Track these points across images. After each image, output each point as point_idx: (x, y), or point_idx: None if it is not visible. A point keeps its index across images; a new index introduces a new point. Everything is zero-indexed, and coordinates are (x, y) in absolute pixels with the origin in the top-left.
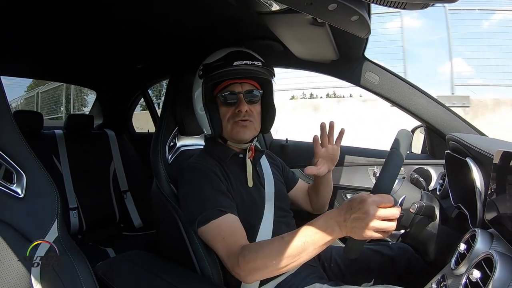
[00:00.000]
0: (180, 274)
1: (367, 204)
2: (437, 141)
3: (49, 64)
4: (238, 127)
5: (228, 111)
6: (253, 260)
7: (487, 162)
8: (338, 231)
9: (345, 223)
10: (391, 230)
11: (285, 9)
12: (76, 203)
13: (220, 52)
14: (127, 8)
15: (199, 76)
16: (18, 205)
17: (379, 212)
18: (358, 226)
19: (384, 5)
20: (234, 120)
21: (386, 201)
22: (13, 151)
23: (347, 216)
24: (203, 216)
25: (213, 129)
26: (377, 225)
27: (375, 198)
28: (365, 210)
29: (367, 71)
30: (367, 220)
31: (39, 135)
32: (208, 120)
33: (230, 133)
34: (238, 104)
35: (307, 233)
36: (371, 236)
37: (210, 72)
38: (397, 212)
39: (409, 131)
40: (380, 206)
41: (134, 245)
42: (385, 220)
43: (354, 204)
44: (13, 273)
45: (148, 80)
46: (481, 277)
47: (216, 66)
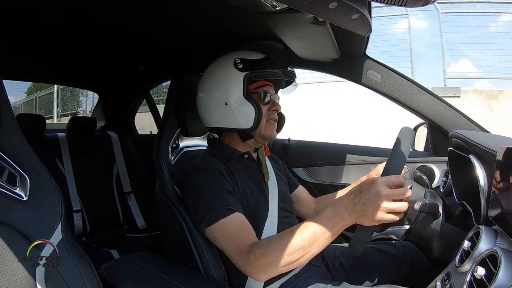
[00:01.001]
0: (184, 275)
1: (377, 185)
2: (440, 139)
3: (51, 67)
4: (271, 124)
5: (264, 108)
6: (264, 256)
7: (491, 158)
8: (347, 217)
9: (355, 207)
10: (403, 210)
11: (285, 8)
12: (80, 205)
13: (254, 53)
14: (128, 10)
15: (239, 69)
16: (22, 208)
17: (389, 191)
18: (369, 208)
19: (384, 3)
20: (268, 118)
21: (395, 180)
22: (16, 154)
23: (356, 200)
24: (211, 215)
25: (256, 123)
26: (389, 206)
27: (384, 179)
28: (376, 190)
29: (368, 69)
30: (379, 201)
31: (41, 138)
32: (256, 112)
33: (264, 130)
34: (273, 104)
35: (315, 223)
36: (382, 218)
37: (256, 68)
38: (407, 192)
39: (412, 129)
40: (389, 185)
41: (138, 247)
42: (395, 200)
43: (364, 187)
44: (18, 276)
45: (150, 81)
46: (486, 274)
47: (262, 65)
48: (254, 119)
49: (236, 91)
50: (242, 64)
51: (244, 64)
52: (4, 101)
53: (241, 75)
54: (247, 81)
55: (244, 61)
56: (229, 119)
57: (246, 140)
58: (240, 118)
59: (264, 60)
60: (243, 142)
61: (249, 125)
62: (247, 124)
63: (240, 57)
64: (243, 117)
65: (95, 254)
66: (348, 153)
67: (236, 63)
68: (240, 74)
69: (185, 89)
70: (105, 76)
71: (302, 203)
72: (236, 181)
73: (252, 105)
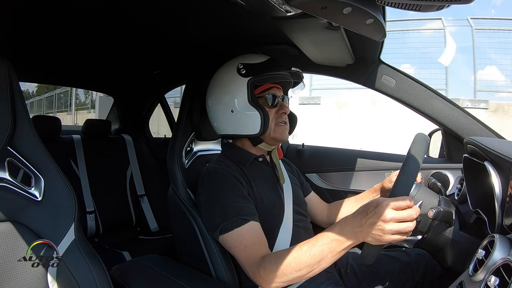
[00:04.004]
0: (196, 278)
1: (382, 208)
2: (455, 145)
3: (68, 70)
4: (280, 127)
5: (271, 112)
6: (273, 271)
7: (506, 166)
8: (354, 238)
9: (361, 228)
10: (409, 230)
11: (299, 13)
12: (93, 206)
13: (257, 56)
14: (144, 15)
15: (242, 75)
16: (36, 208)
17: (395, 214)
18: (375, 231)
19: (399, 8)
20: (276, 121)
21: (402, 203)
22: (31, 155)
23: (363, 221)
24: (225, 224)
25: (263, 128)
26: (394, 228)
27: (389, 201)
28: (380, 213)
29: (383, 74)
30: (384, 224)
31: (57, 139)
32: (261, 117)
33: (273, 133)
34: (281, 107)
35: (324, 241)
36: (389, 240)
37: (259, 72)
38: (413, 212)
39: (426, 135)
40: (395, 208)
41: (150, 249)
42: (402, 222)
43: (369, 209)
44: (31, 274)
45: (165, 85)
46: (499, 283)
47: (265, 68)
48: (261, 124)
49: (241, 98)
50: (245, 70)
51: (246, 70)
52: (20, 102)
53: (245, 80)
54: (251, 86)
55: (247, 66)
56: (236, 126)
57: (257, 144)
58: (247, 125)
59: (267, 63)
60: (255, 146)
61: (256, 130)
62: (254, 130)
63: (243, 62)
64: (249, 123)
65: (107, 255)
66: (362, 158)
67: (239, 68)
68: (243, 80)
69: (199, 93)
70: (120, 79)
71: (315, 209)
72: (251, 184)
73: (258, 111)
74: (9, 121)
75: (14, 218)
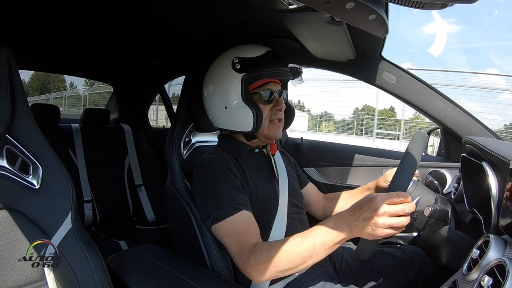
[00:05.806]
0: (191, 269)
1: (376, 202)
2: (453, 144)
3: (67, 59)
4: (274, 125)
5: (266, 109)
6: (264, 261)
7: (504, 167)
8: (348, 232)
9: (356, 223)
10: (402, 225)
11: (302, 7)
12: (91, 195)
13: (254, 49)
14: (145, 4)
15: (237, 70)
16: (34, 196)
17: (388, 208)
18: (369, 225)
19: (402, 5)
20: (270, 119)
21: (395, 198)
22: (30, 143)
23: (357, 216)
24: (218, 213)
25: (256, 126)
26: (387, 222)
27: (384, 195)
28: (374, 208)
29: (384, 71)
30: (377, 218)
31: (56, 128)
32: (254, 116)
33: (266, 131)
34: (276, 103)
35: (318, 234)
36: (382, 234)
37: (255, 68)
38: (406, 207)
39: (425, 133)
40: (389, 203)
41: (147, 239)
42: (395, 216)
43: (364, 204)
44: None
45: (165, 76)
46: (493, 284)
47: (262, 63)
48: (253, 122)
49: (235, 94)
50: (239, 65)
51: (241, 65)
52: (19, 90)
53: (239, 76)
54: (246, 83)
55: (242, 60)
56: (229, 122)
57: (250, 140)
58: (240, 122)
59: (264, 57)
60: (249, 141)
61: (249, 128)
62: (247, 127)
63: (239, 56)
64: (243, 120)
65: (103, 244)
66: (360, 154)
67: (234, 63)
68: (238, 76)
69: (199, 84)
70: (120, 69)
71: (311, 201)
72: (246, 175)
73: (251, 109)
74: (8, 108)
75: (11, 206)
